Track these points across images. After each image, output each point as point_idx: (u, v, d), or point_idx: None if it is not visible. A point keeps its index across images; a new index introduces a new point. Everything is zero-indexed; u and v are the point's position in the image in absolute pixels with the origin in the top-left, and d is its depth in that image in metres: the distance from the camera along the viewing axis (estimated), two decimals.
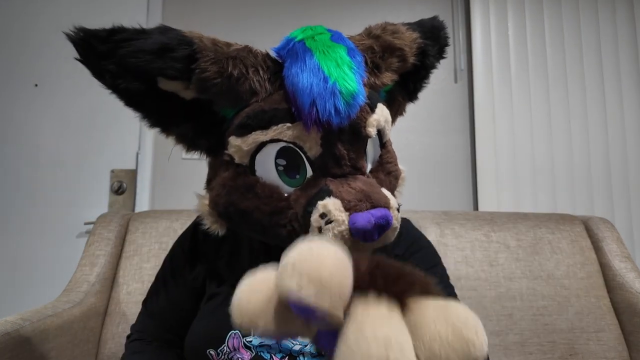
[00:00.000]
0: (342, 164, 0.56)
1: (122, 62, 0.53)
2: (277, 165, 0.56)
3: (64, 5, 1.78)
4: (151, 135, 1.71)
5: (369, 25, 0.67)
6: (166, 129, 0.62)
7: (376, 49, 0.63)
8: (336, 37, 0.59)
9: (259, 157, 0.56)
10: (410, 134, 1.77)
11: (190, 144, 0.64)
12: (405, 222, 0.77)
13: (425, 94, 0.75)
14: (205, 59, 0.54)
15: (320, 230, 0.52)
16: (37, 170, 1.69)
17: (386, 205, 0.52)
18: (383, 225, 0.50)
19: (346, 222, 0.50)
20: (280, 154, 0.56)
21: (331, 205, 0.51)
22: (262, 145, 0.56)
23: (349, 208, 0.51)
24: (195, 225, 0.73)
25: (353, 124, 0.55)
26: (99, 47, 0.53)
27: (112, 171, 1.71)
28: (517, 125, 1.76)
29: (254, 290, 0.35)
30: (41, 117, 1.72)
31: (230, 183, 0.58)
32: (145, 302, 0.75)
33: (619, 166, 1.75)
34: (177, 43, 0.53)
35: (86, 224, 1.65)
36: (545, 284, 1.12)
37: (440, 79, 1.80)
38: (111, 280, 1.08)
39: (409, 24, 0.68)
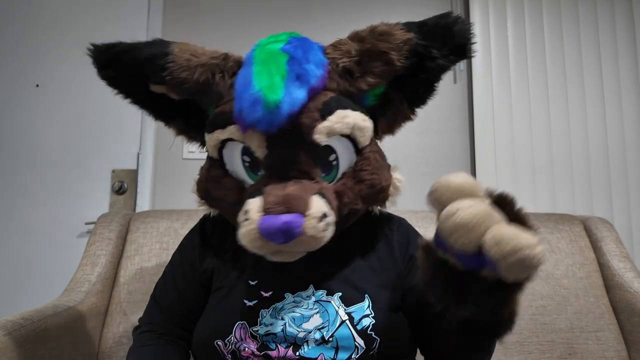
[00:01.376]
0: (284, 167, 0.60)
1: (118, 70, 0.67)
2: (243, 161, 0.63)
3: (64, 6, 1.79)
4: (152, 135, 1.72)
5: (372, 25, 0.65)
6: (167, 123, 0.76)
7: (353, 53, 0.63)
8: (292, 45, 0.61)
9: (225, 152, 0.64)
10: (410, 133, 1.77)
11: (188, 137, 0.77)
12: (404, 222, 0.80)
13: None
14: (177, 68, 0.63)
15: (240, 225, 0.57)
16: (38, 170, 1.70)
17: (302, 212, 0.54)
18: (286, 231, 0.52)
19: (256, 222, 0.54)
20: (245, 151, 0.62)
21: (252, 204, 0.56)
22: (224, 142, 0.63)
23: (265, 210, 0.54)
24: (204, 221, 0.78)
25: (296, 129, 0.58)
26: (100, 58, 0.67)
27: (113, 171, 1.71)
28: (516, 125, 1.76)
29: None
30: (42, 117, 1.72)
31: (206, 173, 0.68)
32: (154, 296, 0.77)
33: (618, 166, 1.76)
34: (159, 54, 0.64)
35: (87, 224, 1.65)
36: (544, 283, 1.12)
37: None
38: (112, 280, 1.09)
39: (408, 23, 0.66)
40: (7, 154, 1.70)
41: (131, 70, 0.66)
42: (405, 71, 0.65)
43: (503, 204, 0.43)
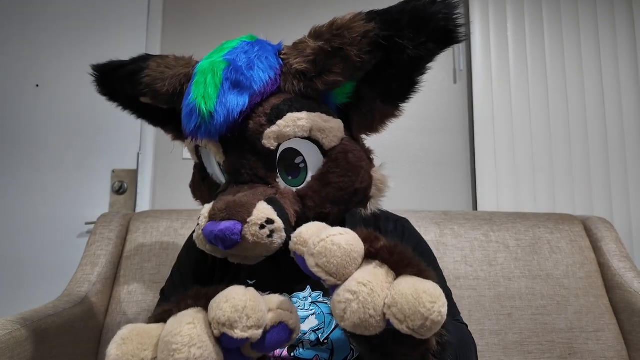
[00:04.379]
0: (240, 172, 0.60)
1: (111, 86, 0.75)
2: (219, 164, 0.64)
3: (64, 6, 1.79)
4: (152, 135, 1.72)
5: (334, 18, 0.60)
6: (162, 128, 0.81)
7: (307, 52, 0.59)
8: (238, 50, 0.60)
9: (202, 156, 0.66)
10: (410, 133, 1.77)
11: (183, 141, 0.76)
12: (405, 223, 0.79)
13: (424, 94, 0.72)
14: (151, 81, 0.67)
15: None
16: (38, 170, 1.70)
17: (241, 220, 0.53)
18: (223, 238, 0.52)
19: (201, 228, 0.55)
20: None
21: (205, 209, 0.57)
22: (197, 148, 0.66)
23: (209, 216, 0.55)
24: None
25: (246, 136, 0.59)
26: (97, 76, 0.75)
27: (113, 171, 1.71)
28: (516, 125, 1.76)
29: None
30: (42, 117, 1.72)
31: (194, 176, 0.71)
32: (163, 292, 0.79)
33: (618, 166, 1.76)
34: (137, 69, 0.69)
35: (87, 224, 1.65)
36: (544, 283, 1.12)
37: (440, 80, 1.80)
38: (112, 280, 1.09)
39: (371, 12, 0.58)
40: (7, 154, 1.70)
41: (120, 86, 0.73)
42: (371, 67, 0.59)
43: (390, 255, 0.42)
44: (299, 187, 0.61)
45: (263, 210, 0.55)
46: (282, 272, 0.66)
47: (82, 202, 1.68)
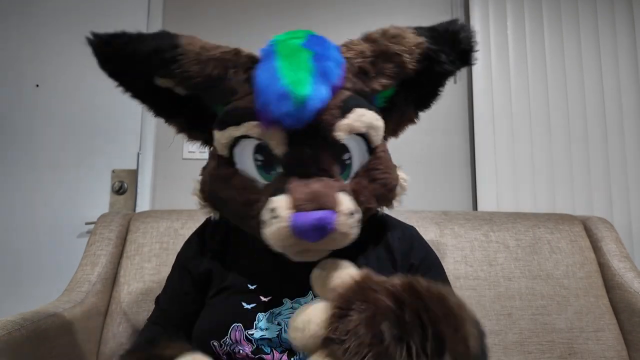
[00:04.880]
0: (306, 164, 0.58)
1: (122, 62, 0.63)
2: (255, 159, 0.61)
3: (64, 6, 1.79)
4: (152, 135, 1.72)
5: (384, 28, 0.66)
6: (167, 120, 0.72)
7: (367, 54, 0.63)
8: (312, 42, 0.61)
9: (236, 150, 0.62)
10: (410, 133, 1.76)
11: (189, 135, 0.73)
12: (413, 231, 0.79)
13: None
14: (188, 61, 0.60)
15: (266, 224, 0.56)
16: (38, 170, 1.70)
17: (332, 209, 0.53)
18: (321, 228, 0.51)
19: (288, 219, 0.52)
20: (257, 149, 0.61)
21: (279, 202, 0.54)
22: (237, 140, 0.61)
23: (295, 207, 0.52)
24: (205, 225, 0.78)
25: (318, 126, 0.57)
26: (104, 49, 0.62)
27: (113, 171, 1.71)
28: (516, 125, 1.76)
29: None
30: (42, 117, 1.72)
31: (214, 172, 0.65)
32: (157, 300, 0.78)
33: (618, 166, 1.76)
34: (167, 46, 0.61)
35: (87, 224, 1.65)
36: (544, 283, 1.12)
37: None
38: (112, 280, 1.09)
39: (418, 27, 0.67)
40: (7, 154, 1.70)
41: (135, 62, 0.62)
42: (415, 75, 0.66)
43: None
44: (347, 183, 0.62)
45: (347, 201, 0.56)
46: (284, 277, 0.66)
47: (82, 202, 1.68)
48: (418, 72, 0.66)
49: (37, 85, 1.74)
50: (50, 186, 1.69)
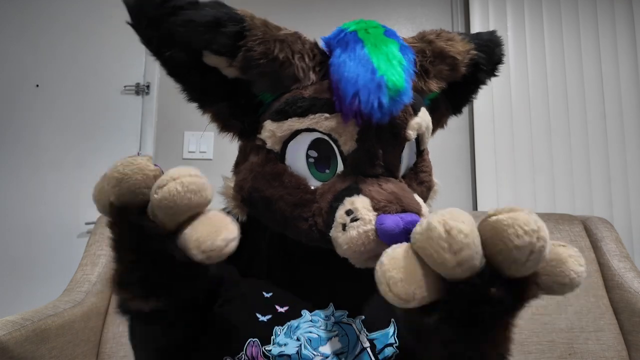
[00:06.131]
0: (375, 163, 0.53)
1: (171, 30, 0.52)
2: (308, 156, 0.55)
3: (64, 6, 1.79)
4: (152, 135, 1.72)
5: (423, 30, 0.65)
6: (203, 105, 0.61)
7: (427, 53, 0.61)
8: (389, 32, 0.57)
9: (291, 145, 0.55)
10: None
11: (224, 124, 0.62)
12: None
13: None
14: (254, 38, 0.53)
15: (344, 227, 0.49)
16: (38, 170, 1.70)
17: (417, 211, 0.48)
18: (411, 232, 0.46)
19: (373, 222, 0.47)
20: (313, 145, 0.55)
21: (359, 202, 0.49)
22: (296, 134, 0.54)
23: (377, 208, 0.48)
24: None
25: (393, 123, 0.53)
26: (151, 12, 0.52)
27: None
28: (516, 125, 1.76)
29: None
30: (42, 117, 1.72)
31: (258, 169, 0.57)
32: None
33: (618, 166, 1.76)
34: (227, 19, 0.53)
35: (87, 224, 1.65)
36: None
37: None
38: None
39: (464, 34, 0.66)
40: (7, 154, 1.70)
41: (188, 32, 0.52)
42: (462, 79, 0.66)
43: None
44: None
45: (424, 204, 0.52)
46: (303, 286, 0.60)
47: (82, 202, 1.68)
48: (464, 77, 0.66)
49: (37, 85, 1.74)
50: (50, 186, 1.69)
